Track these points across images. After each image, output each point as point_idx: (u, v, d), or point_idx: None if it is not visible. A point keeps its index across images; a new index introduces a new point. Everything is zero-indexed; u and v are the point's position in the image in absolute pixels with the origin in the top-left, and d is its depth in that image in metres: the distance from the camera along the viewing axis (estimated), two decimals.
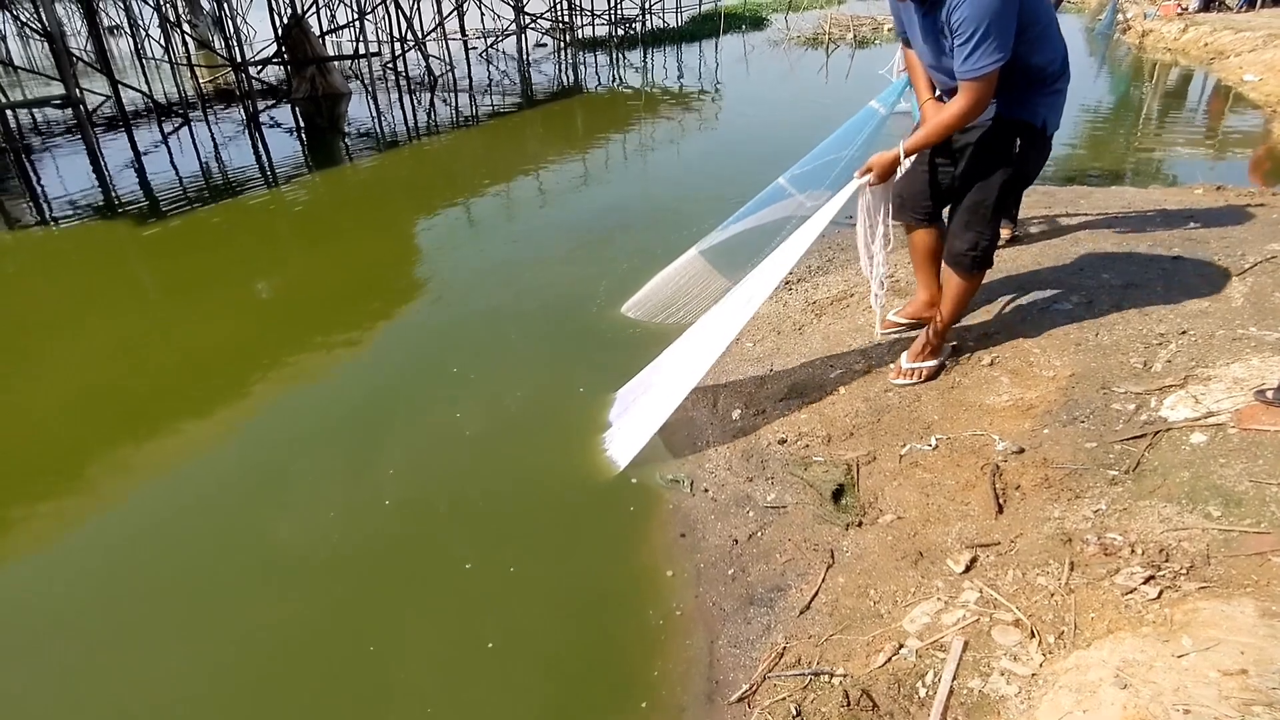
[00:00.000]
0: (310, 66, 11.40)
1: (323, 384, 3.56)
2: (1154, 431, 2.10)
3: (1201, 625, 1.47)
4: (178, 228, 5.96)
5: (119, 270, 5.29)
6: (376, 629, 2.15)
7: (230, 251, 5.47)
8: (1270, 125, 7.32)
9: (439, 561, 2.39)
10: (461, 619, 2.17)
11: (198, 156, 8.34)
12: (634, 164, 7.54)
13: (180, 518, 2.70)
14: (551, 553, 2.40)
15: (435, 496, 2.68)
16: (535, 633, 2.12)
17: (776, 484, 2.47)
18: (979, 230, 2.44)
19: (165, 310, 4.54)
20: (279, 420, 3.28)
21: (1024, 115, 2.30)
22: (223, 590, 2.35)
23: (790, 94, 11.31)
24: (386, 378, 3.55)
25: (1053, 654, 1.59)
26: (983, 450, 2.30)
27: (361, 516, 2.59)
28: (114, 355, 3.92)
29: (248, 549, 2.51)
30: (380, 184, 7.34)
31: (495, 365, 3.55)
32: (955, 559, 1.95)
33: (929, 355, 2.71)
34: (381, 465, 2.85)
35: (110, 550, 2.58)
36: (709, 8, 21.20)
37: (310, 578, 2.37)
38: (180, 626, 2.24)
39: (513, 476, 2.77)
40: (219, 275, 4.96)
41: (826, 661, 1.79)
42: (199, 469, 2.97)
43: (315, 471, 2.88)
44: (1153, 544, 1.74)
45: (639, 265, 4.47)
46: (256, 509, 2.71)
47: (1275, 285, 2.75)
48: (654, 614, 2.12)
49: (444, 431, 3.03)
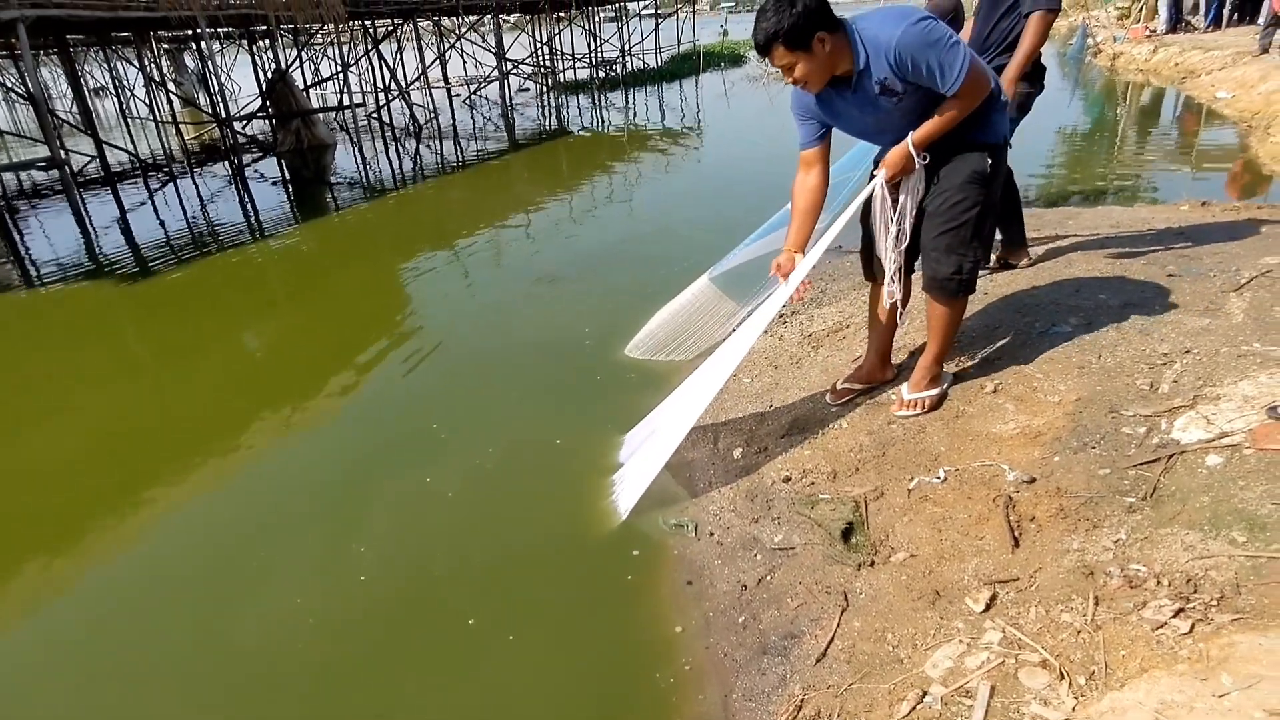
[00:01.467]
0: (295, 119, 11.48)
1: (309, 444, 3.50)
2: (1168, 455, 2.05)
3: (1240, 661, 1.40)
4: (162, 285, 5.92)
5: (99, 332, 5.22)
6: (380, 693, 2.06)
7: (214, 309, 5.42)
8: (1247, 140, 7.42)
9: (438, 624, 2.31)
10: (460, 686, 2.08)
11: (184, 213, 8.33)
12: (620, 204, 7.56)
13: (136, 612, 2.54)
14: (554, 609, 2.32)
15: (431, 556, 2.61)
16: (540, 694, 2.03)
17: (783, 524, 2.40)
18: (961, 254, 2.41)
19: (144, 375, 4.48)
20: (266, 483, 3.21)
21: (988, 136, 2.32)
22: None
23: (772, 128, 11.44)
24: (379, 433, 3.49)
25: (1085, 696, 1.51)
26: (993, 481, 2.24)
27: (356, 579, 2.51)
28: (88, 424, 3.85)
29: (216, 646, 2.35)
30: (367, 233, 7.34)
31: (491, 417, 3.50)
32: (974, 597, 1.88)
33: (930, 384, 2.67)
34: (380, 523, 2.78)
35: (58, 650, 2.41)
36: (688, 47, 21.56)
37: (302, 652, 2.28)
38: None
39: (513, 531, 2.71)
40: (202, 335, 4.90)
41: (847, 713, 1.70)
42: (165, 552, 2.84)
43: (298, 543, 2.79)
44: (1179, 574, 1.68)
45: (631, 304, 4.45)
46: (230, 597, 2.56)
47: (1274, 299, 2.72)
48: (664, 668, 2.03)
49: (436, 486, 2.96)
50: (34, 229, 8.24)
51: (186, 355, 4.63)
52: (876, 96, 2.21)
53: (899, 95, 2.19)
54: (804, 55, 2.14)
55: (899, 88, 2.17)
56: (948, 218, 2.37)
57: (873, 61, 2.15)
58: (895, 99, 2.20)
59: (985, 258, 3.57)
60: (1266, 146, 6.84)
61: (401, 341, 4.40)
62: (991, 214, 2.46)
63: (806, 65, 2.16)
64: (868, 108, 2.26)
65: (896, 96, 2.19)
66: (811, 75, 2.19)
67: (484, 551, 2.62)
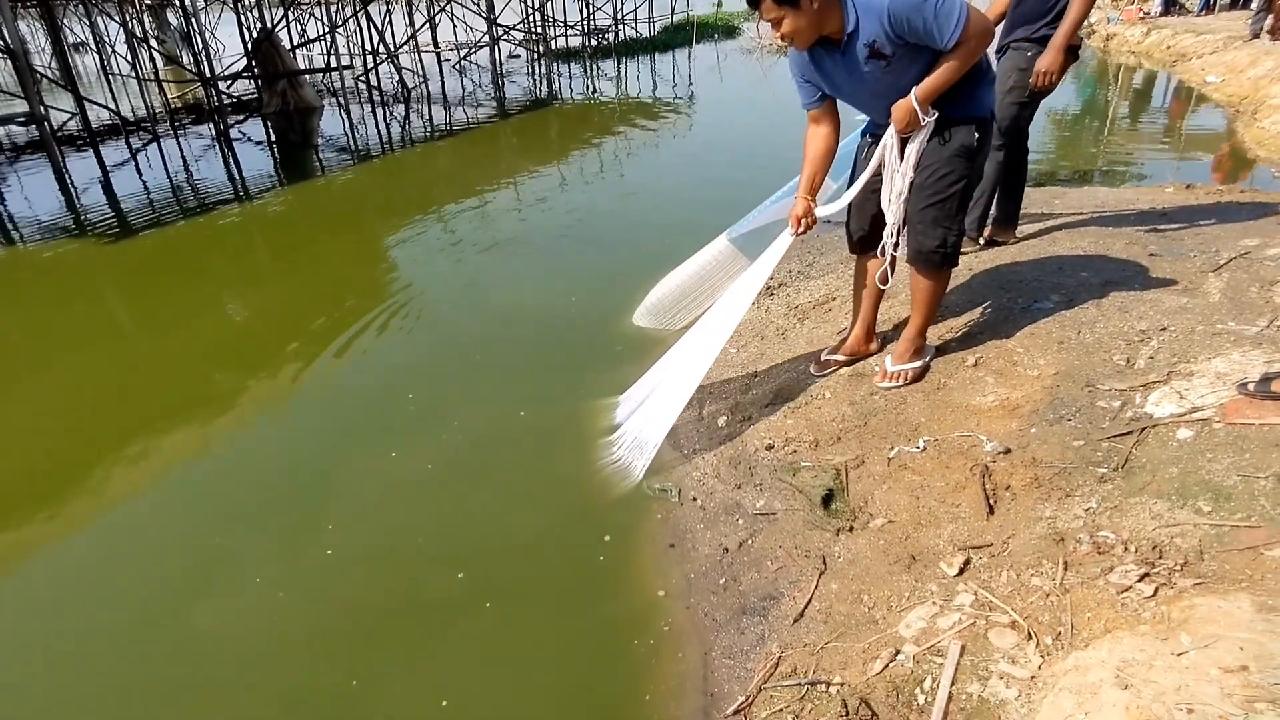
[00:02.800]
0: (281, 80, 11.29)
1: (283, 414, 3.44)
2: (1141, 428, 2.10)
3: (1199, 622, 1.45)
4: (143, 246, 5.85)
5: (76, 293, 5.13)
6: (355, 668, 2.09)
7: (193, 272, 5.35)
8: (1234, 124, 7.47)
9: (415, 592, 2.31)
10: (444, 652, 2.12)
11: (167, 173, 8.20)
12: (611, 174, 7.53)
13: (91, 593, 2.45)
14: (537, 573, 2.36)
15: (409, 525, 2.59)
16: (523, 656, 2.08)
17: (765, 490, 2.45)
18: (947, 226, 2.44)
19: (116, 339, 4.38)
20: (235, 456, 3.16)
21: (974, 110, 2.33)
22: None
23: (764, 99, 11.39)
24: (355, 403, 3.44)
25: (1051, 655, 1.57)
26: (971, 451, 2.29)
27: (325, 551, 2.50)
28: (52, 390, 3.75)
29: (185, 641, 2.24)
30: (354, 197, 7.27)
31: (473, 385, 3.50)
32: (948, 562, 1.93)
33: (913, 357, 2.71)
34: (356, 492, 2.77)
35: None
36: (681, 18, 21.31)
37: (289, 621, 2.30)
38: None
39: (494, 499, 2.72)
40: (179, 298, 4.82)
41: (823, 670, 1.76)
42: (123, 528, 2.75)
43: (269, 516, 2.74)
44: (1145, 541, 1.73)
45: (623, 273, 4.47)
46: (192, 571, 2.49)
47: (1250, 280, 2.78)
48: (645, 628, 2.08)
49: (412, 457, 2.94)
50: (13, 185, 8.10)
51: (161, 319, 4.55)
52: (865, 60, 2.22)
53: (887, 59, 2.19)
54: (791, 10, 2.15)
55: (888, 50, 2.17)
56: (933, 190, 2.40)
57: (863, 22, 2.15)
58: (883, 64, 2.20)
59: (980, 228, 3.61)
60: (1252, 131, 6.89)
61: (383, 308, 4.35)
62: (972, 188, 2.48)
63: (794, 21, 2.17)
64: (856, 71, 2.27)
65: (884, 61, 2.20)
66: (799, 31, 2.20)
67: (464, 521, 2.61)
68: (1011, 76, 3.27)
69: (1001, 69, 3.29)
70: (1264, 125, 6.84)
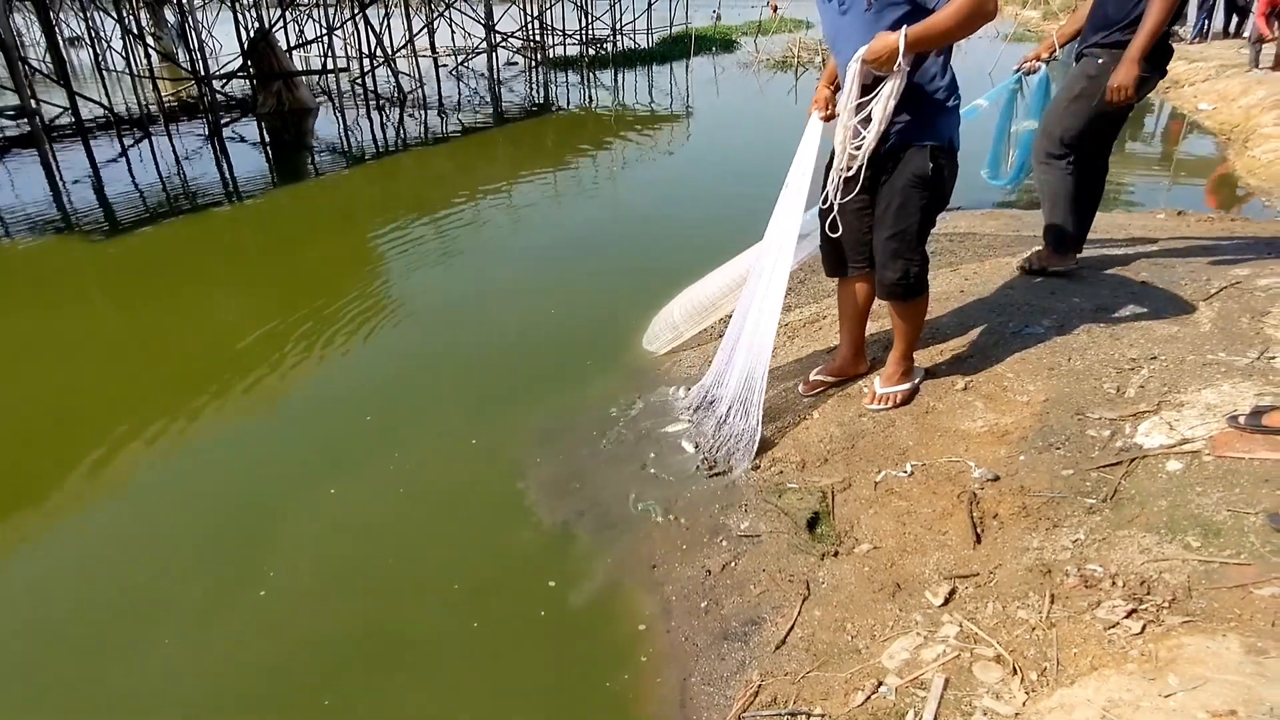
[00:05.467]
0: (277, 81, 11.24)
1: (247, 426, 3.32)
2: (1130, 459, 2.08)
3: (1187, 662, 1.42)
4: (133, 243, 5.78)
5: (59, 291, 5.04)
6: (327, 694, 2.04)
7: (173, 274, 5.25)
8: (1225, 151, 7.52)
9: (384, 623, 2.24)
10: (417, 683, 2.06)
11: (158, 170, 8.13)
12: (605, 185, 7.51)
13: None
14: (515, 593, 2.32)
15: (364, 565, 2.47)
16: (506, 675, 2.03)
17: (750, 512, 2.41)
18: (907, 258, 2.40)
19: (89, 339, 4.22)
20: (244, 454, 3.14)
21: (934, 138, 2.28)
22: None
23: (761, 114, 11.43)
24: (322, 421, 3.34)
25: (1036, 692, 1.54)
26: (959, 477, 2.26)
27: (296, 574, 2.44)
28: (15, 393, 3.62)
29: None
30: (345, 201, 7.23)
31: (445, 405, 3.41)
32: (934, 591, 1.90)
33: (902, 379, 2.68)
34: (318, 515, 2.68)
35: None
36: (680, 29, 21.38)
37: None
38: None
39: (462, 524, 2.68)
40: (153, 301, 4.71)
41: (804, 701, 1.72)
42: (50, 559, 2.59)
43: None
44: (1134, 575, 1.71)
45: (614, 292, 4.45)
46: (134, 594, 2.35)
47: (1241, 310, 2.77)
48: (625, 651, 2.04)
49: (369, 487, 2.82)
50: (1, 179, 8.01)
51: (126, 325, 4.43)
52: (849, 7, 2.18)
53: (869, 5, 2.13)
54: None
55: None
56: (890, 223, 2.37)
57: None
58: (867, 7, 2.14)
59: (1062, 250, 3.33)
60: (1244, 160, 6.94)
61: (360, 318, 4.26)
62: (934, 217, 2.41)
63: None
64: (843, 4, 2.22)
65: (868, 6, 2.13)
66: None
67: (416, 559, 2.49)
68: (1078, 84, 3.06)
69: (1070, 75, 3.12)
70: (1255, 154, 6.88)
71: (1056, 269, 3.31)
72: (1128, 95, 2.86)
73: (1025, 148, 3.54)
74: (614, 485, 2.67)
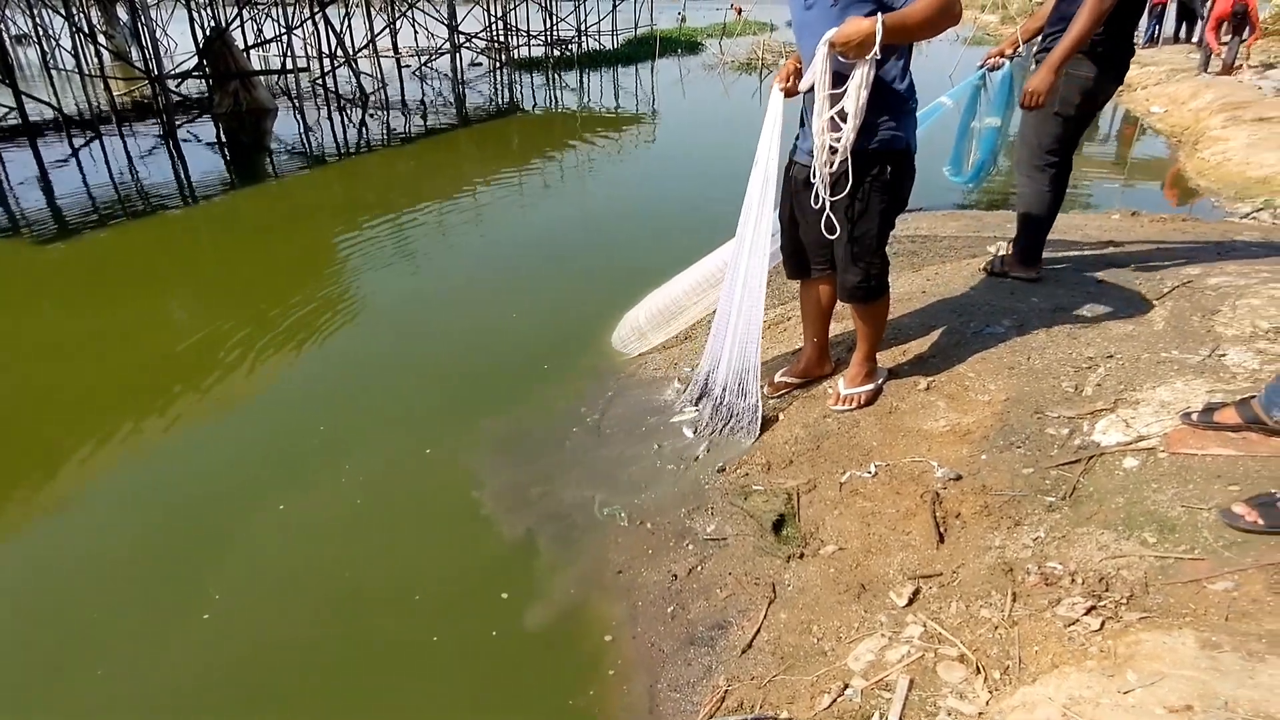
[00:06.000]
0: (234, 81, 11.01)
1: (184, 443, 3.16)
2: (1088, 456, 2.11)
3: (1145, 658, 1.44)
4: (81, 246, 5.60)
5: (3, 296, 4.87)
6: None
7: (130, 276, 5.12)
8: (1176, 154, 7.72)
9: (341, 640, 2.17)
10: (371, 706, 2.01)
11: (110, 172, 7.90)
12: (571, 186, 7.48)
13: None
14: (480, 594, 2.28)
15: (337, 561, 2.44)
16: (468, 691, 2.00)
17: (716, 515, 2.40)
18: (868, 261, 2.42)
19: (33, 351, 4.02)
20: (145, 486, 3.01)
21: (894, 143, 2.27)
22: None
23: (726, 115, 11.47)
24: (268, 435, 3.21)
25: (999, 691, 1.55)
26: (922, 477, 2.27)
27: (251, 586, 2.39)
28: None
29: None
30: (304, 203, 7.10)
31: (401, 413, 3.35)
32: (898, 591, 1.91)
33: (865, 380, 2.69)
34: (256, 555, 2.53)
35: None
36: (645, 31, 21.40)
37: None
38: None
39: (428, 543, 2.63)
40: (113, 303, 4.58)
41: (770, 705, 1.71)
42: None
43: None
44: (1092, 573, 1.73)
45: (578, 295, 4.40)
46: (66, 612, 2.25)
47: (1193, 309, 2.83)
48: (591, 660, 2.01)
49: (337, 489, 2.76)
50: None
51: (68, 330, 4.25)
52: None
53: (835, 0, 2.11)
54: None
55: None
56: (849, 228, 2.37)
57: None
58: (833, 3, 2.11)
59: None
60: (1194, 161, 7.13)
61: (317, 322, 4.17)
62: (892, 220, 2.41)
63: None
64: (807, 5, 2.20)
65: (834, 1, 2.11)
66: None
67: (386, 566, 2.44)
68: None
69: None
70: (1204, 156, 7.08)
71: (1019, 276, 3.34)
72: (1038, 101, 2.85)
73: (987, 145, 3.56)
74: (578, 490, 2.64)
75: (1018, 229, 3.32)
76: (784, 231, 2.66)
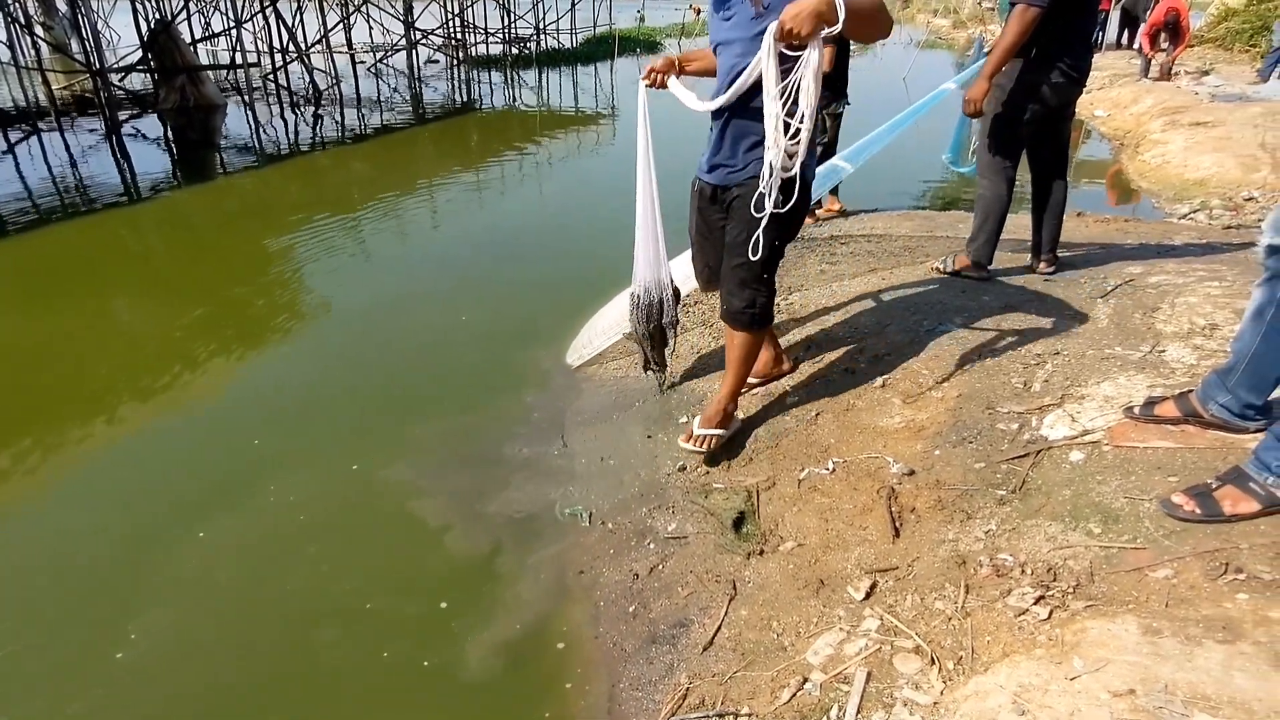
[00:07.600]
0: (180, 76, 10.70)
1: (109, 461, 3.00)
2: (1036, 450, 2.17)
3: (1090, 645, 1.49)
4: (13, 247, 5.39)
5: None
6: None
7: (65, 277, 4.91)
8: (1119, 156, 7.97)
9: (277, 672, 2.07)
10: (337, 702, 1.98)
11: (49, 168, 7.63)
12: (530, 185, 7.43)
13: None
14: (439, 598, 2.26)
15: (273, 587, 2.33)
16: (433, 686, 1.98)
17: (677, 513, 2.42)
18: (755, 288, 2.39)
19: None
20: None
21: (805, 171, 2.22)
22: None
23: (684, 116, 11.49)
24: (199, 450, 3.05)
25: (952, 681, 1.58)
26: (878, 473, 2.31)
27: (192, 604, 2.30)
28: None
29: None
30: (254, 201, 6.94)
31: (341, 425, 3.23)
32: (856, 586, 1.94)
33: (720, 423, 2.58)
34: (171, 586, 2.35)
35: None
36: (604, 30, 21.37)
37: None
38: None
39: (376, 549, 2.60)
40: (42, 306, 4.35)
41: (731, 701, 1.73)
42: None
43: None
44: (1041, 563, 1.78)
45: (534, 300, 4.39)
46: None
47: (1135, 307, 2.93)
48: (552, 660, 2.01)
49: (270, 508, 2.63)
50: None
51: (6, 331, 4.08)
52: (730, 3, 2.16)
53: (760, 13, 2.07)
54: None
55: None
56: (739, 252, 2.33)
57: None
58: (754, 14, 2.09)
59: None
60: (1135, 163, 7.37)
61: (266, 326, 4.09)
62: (784, 247, 2.41)
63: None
64: (729, 10, 2.19)
65: (755, 13, 2.08)
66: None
67: (329, 586, 2.32)
68: (992, 94, 3.09)
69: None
70: (1145, 158, 7.32)
71: (971, 277, 3.43)
72: (975, 109, 3.03)
73: None
74: (536, 492, 2.63)
75: (973, 229, 3.40)
76: (693, 246, 2.67)
